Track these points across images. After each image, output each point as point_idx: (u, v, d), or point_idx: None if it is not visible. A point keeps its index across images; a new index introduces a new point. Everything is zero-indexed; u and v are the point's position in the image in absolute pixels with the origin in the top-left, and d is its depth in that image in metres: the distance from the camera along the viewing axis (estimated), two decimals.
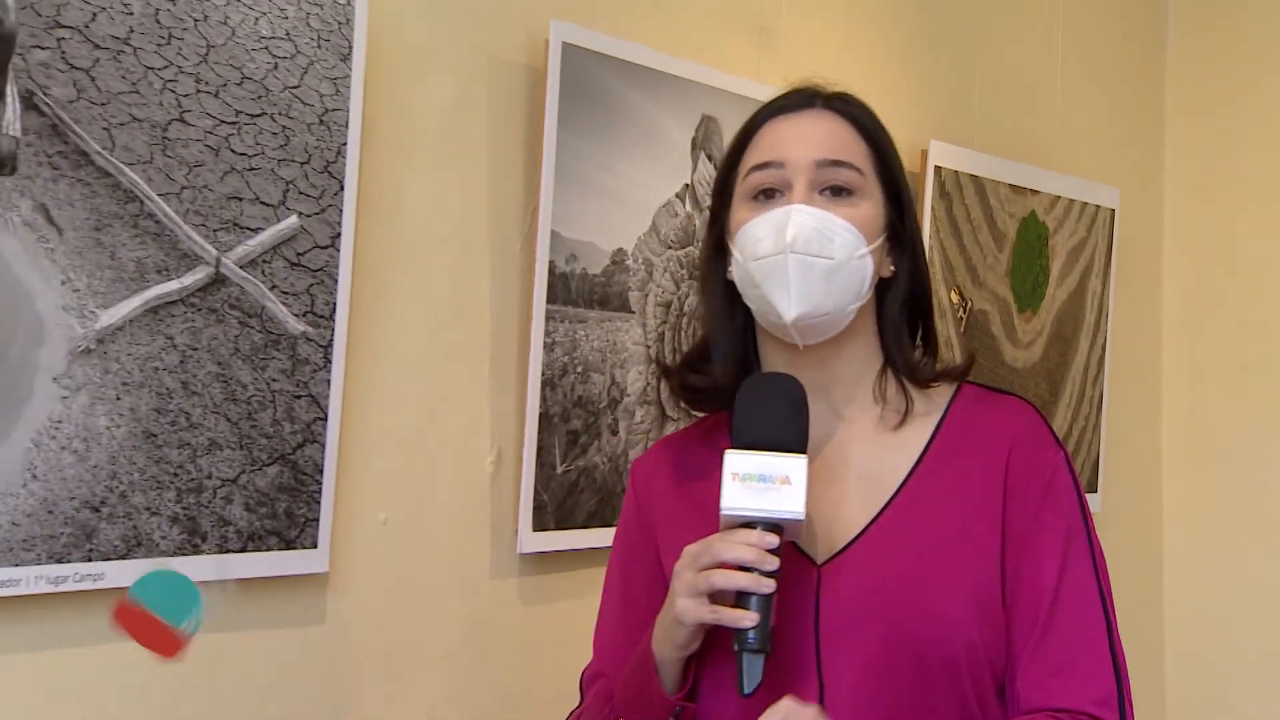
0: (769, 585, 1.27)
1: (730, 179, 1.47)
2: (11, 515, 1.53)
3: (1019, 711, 1.34)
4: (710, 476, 1.45)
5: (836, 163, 1.41)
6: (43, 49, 1.55)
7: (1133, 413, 3.65)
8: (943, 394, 1.47)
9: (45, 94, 1.56)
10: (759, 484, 1.29)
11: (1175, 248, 3.80)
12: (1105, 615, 1.37)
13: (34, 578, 1.55)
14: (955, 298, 2.98)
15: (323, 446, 1.82)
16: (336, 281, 1.84)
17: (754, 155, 1.44)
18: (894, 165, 1.47)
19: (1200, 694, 3.66)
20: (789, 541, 1.33)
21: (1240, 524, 3.63)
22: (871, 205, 1.42)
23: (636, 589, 1.50)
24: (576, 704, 1.52)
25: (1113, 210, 3.48)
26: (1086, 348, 3.41)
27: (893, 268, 1.45)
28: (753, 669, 1.27)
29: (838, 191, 1.40)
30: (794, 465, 1.29)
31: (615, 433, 2.23)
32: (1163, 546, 3.77)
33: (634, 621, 1.46)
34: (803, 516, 1.29)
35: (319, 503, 1.82)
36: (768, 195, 1.42)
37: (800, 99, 1.47)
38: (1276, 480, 3.58)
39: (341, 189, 1.85)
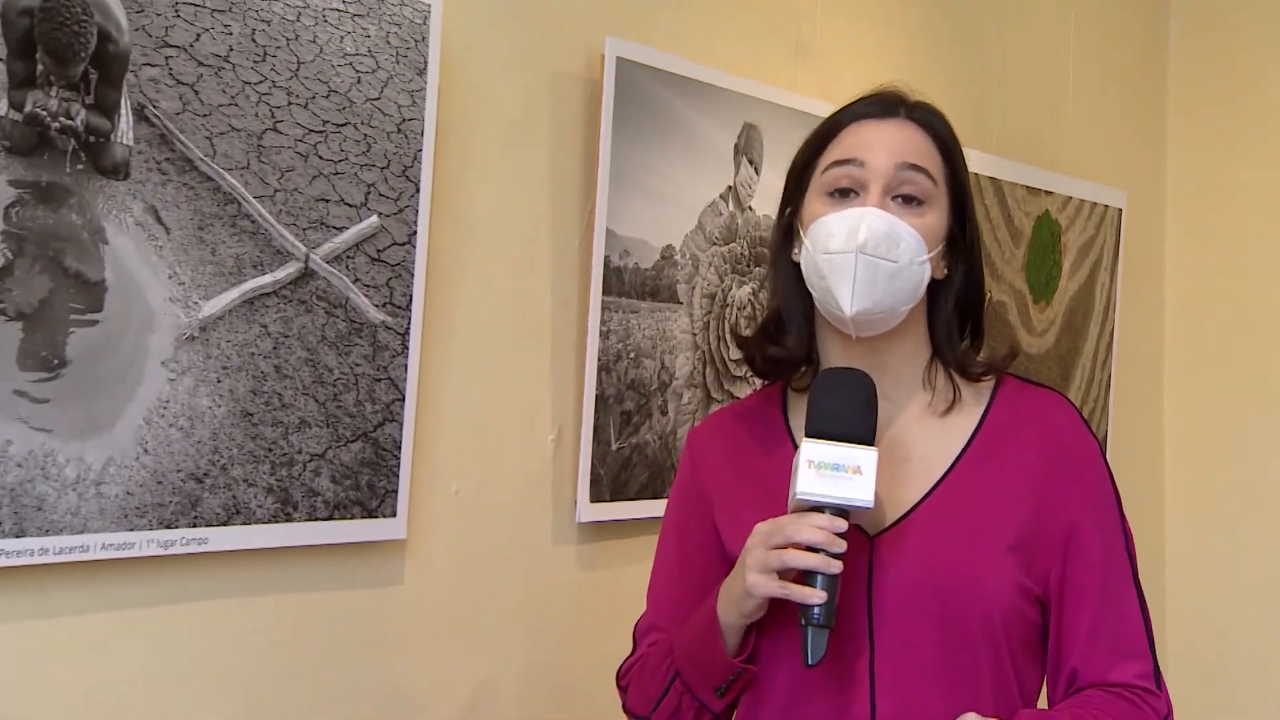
0: (837, 566, 1.26)
1: (808, 170, 1.44)
2: (126, 485, 1.56)
3: (1076, 687, 1.36)
4: (766, 449, 1.46)
5: (913, 166, 1.38)
6: (152, 66, 1.58)
7: (1137, 398, 3.62)
8: (985, 384, 1.45)
9: (155, 107, 1.58)
10: (833, 472, 1.27)
11: (1177, 244, 3.75)
12: (1139, 594, 1.38)
13: (146, 541, 1.58)
14: None
15: (401, 425, 1.84)
16: (413, 275, 1.86)
17: (836, 152, 1.41)
18: (963, 177, 1.45)
19: (1201, 693, 3.48)
20: None
21: (1239, 514, 3.55)
22: (937, 215, 1.40)
23: (691, 549, 1.49)
24: (630, 652, 1.53)
25: (1120, 209, 3.45)
26: (1095, 335, 3.39)
27: (946, 270, 1.44)
28: (818, 643, 1.26)
29: (909, 200, 1.38)
30: (866, 457, 1.28)
31: (665, 413, 2.24)
32: (1164, 539, 3.70)
33: (688, 579, 1.47)
34: (872, 504, 1.28)
35: (397, 475, 1.84)
36: (843, 194, 1.39)
37: (885, 107, 1.43)
38: (1275, 470, 3.51)
39: (417, 191, 1.86)
